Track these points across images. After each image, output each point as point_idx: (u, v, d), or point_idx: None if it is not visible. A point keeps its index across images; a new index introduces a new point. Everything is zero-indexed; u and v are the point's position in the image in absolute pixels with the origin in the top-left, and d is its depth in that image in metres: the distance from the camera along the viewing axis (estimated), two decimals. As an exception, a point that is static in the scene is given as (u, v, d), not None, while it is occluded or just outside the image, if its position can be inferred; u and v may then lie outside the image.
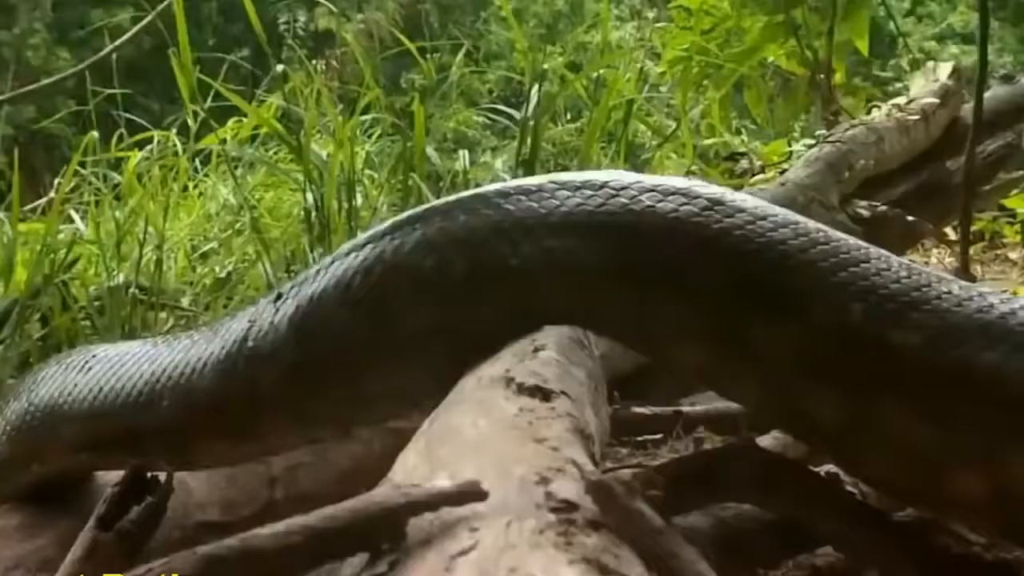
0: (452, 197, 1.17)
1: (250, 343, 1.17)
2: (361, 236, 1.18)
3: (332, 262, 1.16)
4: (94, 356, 1.34)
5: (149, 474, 0.99)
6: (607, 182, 1.07)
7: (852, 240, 1.03)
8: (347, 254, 1.15)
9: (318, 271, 1.17)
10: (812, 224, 1.03)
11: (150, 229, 3.05)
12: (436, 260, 1.08)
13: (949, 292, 0.97)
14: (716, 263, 1.00)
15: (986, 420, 0.93)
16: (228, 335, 1.21)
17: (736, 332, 0.99)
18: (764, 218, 1.01)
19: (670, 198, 1.03)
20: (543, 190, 1.08)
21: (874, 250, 1.02)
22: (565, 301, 1.06)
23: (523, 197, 1.08)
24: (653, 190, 1.05)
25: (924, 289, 0.97)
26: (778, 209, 1.04)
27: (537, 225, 1.06)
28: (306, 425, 1.21)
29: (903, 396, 0.95)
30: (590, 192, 1.06)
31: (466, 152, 3.72)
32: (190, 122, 3.11)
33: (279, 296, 1.19)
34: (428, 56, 3.73)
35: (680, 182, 1.07)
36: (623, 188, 1.05)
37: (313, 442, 1.38)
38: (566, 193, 1.07)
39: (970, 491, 0.96)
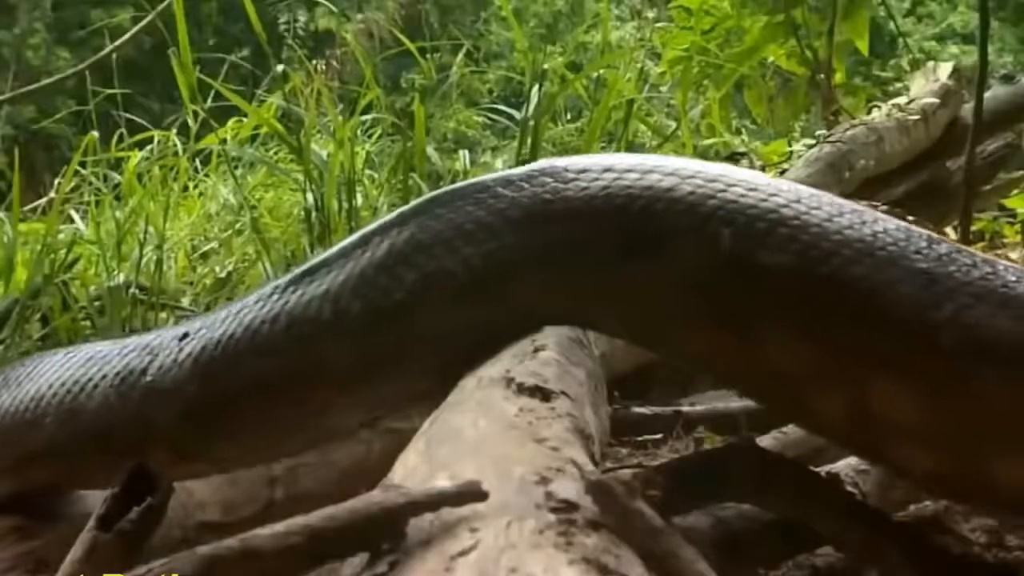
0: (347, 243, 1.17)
1: (148, 376, 1.18)
2: (267, 286, 1.19)
3: (240, 309, 1.17)
4: (33, 367, 1.32)
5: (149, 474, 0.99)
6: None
7: (718, 166, 1.06)
8: (255, 302, 1.16)
9: (225, 316, 1.17)
10: (678, 162, 1.06)
11: (150, 229, 3.05)
12: (332, 308, 1.09)
13: (818, 208, 0.98)
14: (596, 222, 1.03)
15: (854, 338, 0.94)
16: (124, 360, 1.21)
17: (616, 280, 1.02)
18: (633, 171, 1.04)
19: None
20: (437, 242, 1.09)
21: (740, 173, 1.04)
22: (449, 318, 1.08)
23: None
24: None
25: (794, 205, 0.98)
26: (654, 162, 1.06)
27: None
28: (205, 463, 1.21)
29: (776, 317, 0.97)
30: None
31: (466, 152, 3.72)
32: (190, 122, 3.11)
33: (184, 335, 1.19)
34: (428, 56, 3.73)
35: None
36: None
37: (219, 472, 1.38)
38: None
39: (831, 412, 0.98)
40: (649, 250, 1.01)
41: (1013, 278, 0.94)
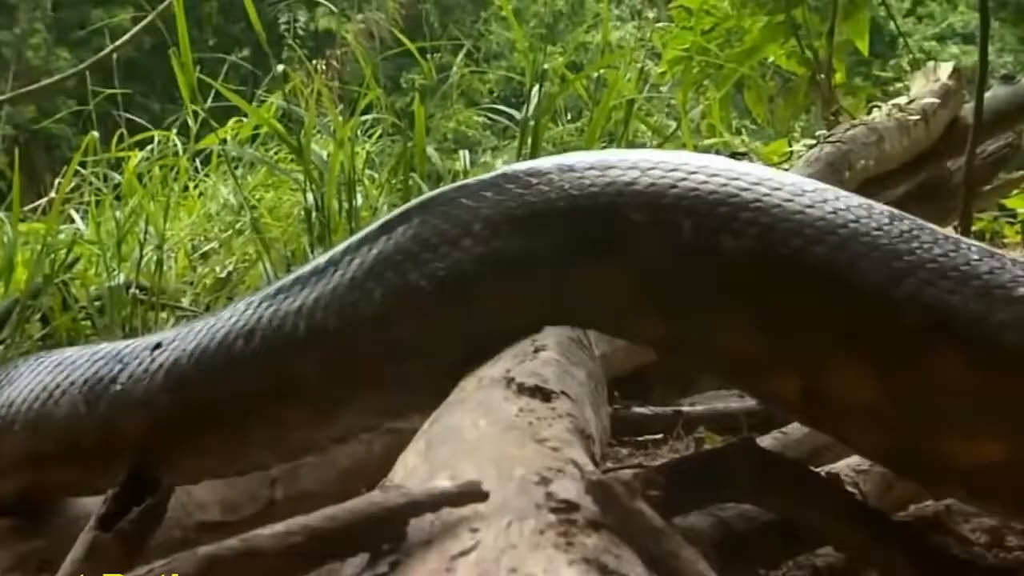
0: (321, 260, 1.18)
1: (117, 385, 1.17)
2: (240, 303, 1.19)
3: (214, 323, 1.17)
4: (14, 371, 1.32)
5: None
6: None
7: (680, 155, 1.06)
8: (228, 318, 1.16)
9: (200, 330, 1.17)
10: (639, 155, 1.06)
11: (150, 229, 3.05)
12: (306, 325, 1.10)
13: (779, 188, 0.98)
14: (560, 226, 1.04)
15: (814, 319, 0.95)
16: (93, 368, 1.20)
17: (583, 279, 1.03)
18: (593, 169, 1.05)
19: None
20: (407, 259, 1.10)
21: (701, 160, 1.04)
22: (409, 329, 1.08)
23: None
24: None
25: (755, 188, 0.98)
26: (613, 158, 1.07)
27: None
28: (174, 474, 1.21)
29: (734, 302, 0.97)
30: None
31: (466, 152, 3.72)
32: (190, 122, 3.11)
33: (157, 345, 1.19)
34: (428, 56, 3.72)
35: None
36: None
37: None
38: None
39: (787, 392, 0.98)
40: (613, 247, 1.01)
41: (976, 256, 0.94)
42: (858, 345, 0.93)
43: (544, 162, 1.10)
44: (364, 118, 3.36)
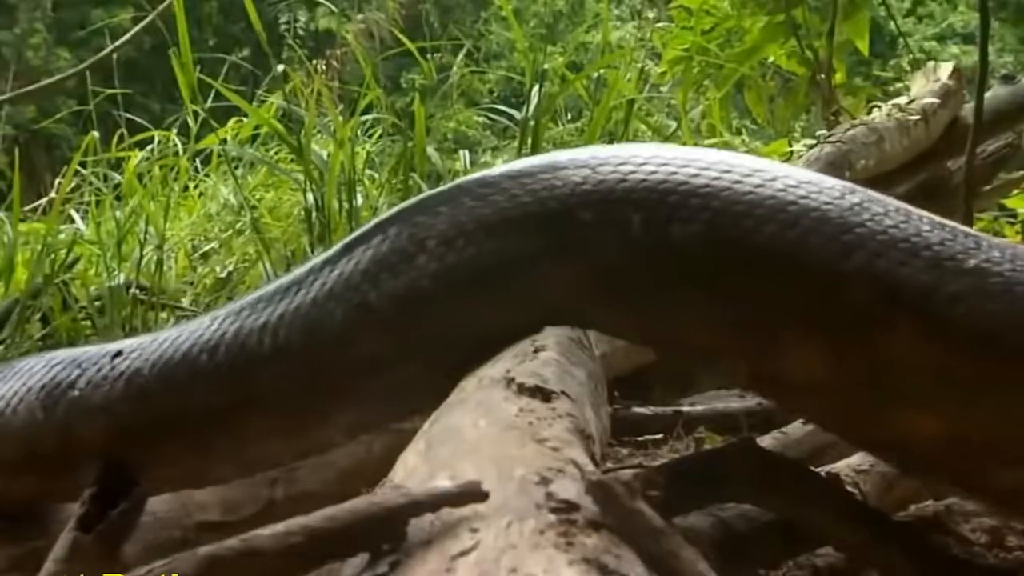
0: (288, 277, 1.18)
1: (75, 391, 1.17)
2: (206, 317, 1.19)
3: (179, 335, 1.17)
4: None
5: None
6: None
7: (631, 147, 1.07)
8: (193, 329, 1.16)
9: (163, 340, 1.17)
10: (588, 152, 1.06)
11: (150, 229, 3.05)
12: (271, 342, 1.10)
13: (729, 171, 0.98)
14: (514, 235, 1.04)
15: (764, 299, 0.95)
16: (51, 374, 1.20)
17: (541, 283, 1.03)
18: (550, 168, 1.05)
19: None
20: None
21: (650, 150, 1.04)
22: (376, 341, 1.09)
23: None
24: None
25: (704, 173, 0.98)
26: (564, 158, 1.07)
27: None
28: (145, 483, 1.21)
29: (684, 289, 0.98)
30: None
31: (467, 152, 3.72)
32: (190, 122, 3.11)
33: (119, 353, 1.19)
34: (428, 56, 3.72)
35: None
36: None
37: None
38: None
39: (738, 373, 0.99)
40: (566, 249, 1.01)
41: (927, 227, 0.94)
42: (810, 323, 0.93)
43: (496, 171, 1.11)
44: (364, 118, 3.36)
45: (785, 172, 0.99)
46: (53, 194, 3.60)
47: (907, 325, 0.90)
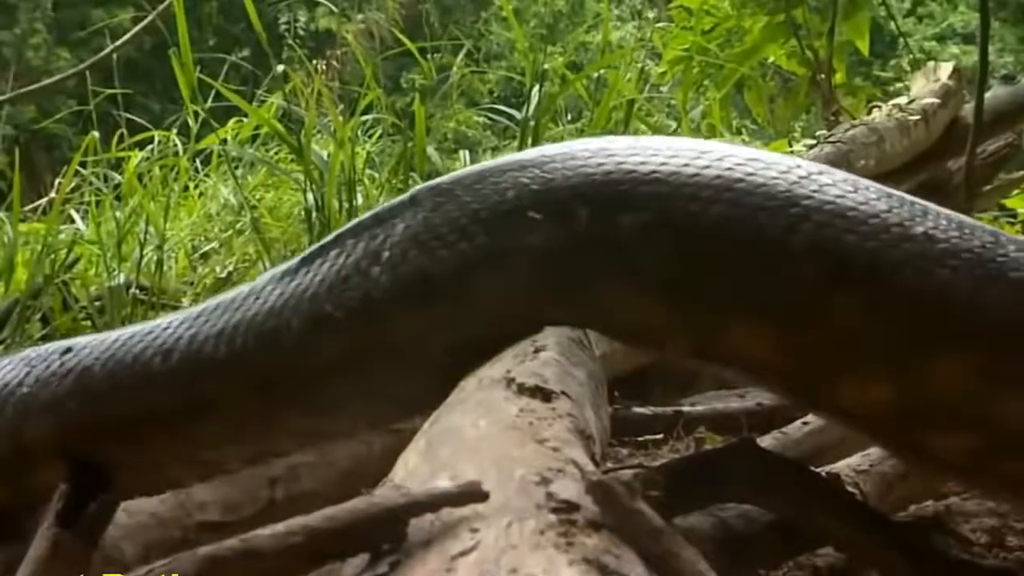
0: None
1: (24, 388, 1.16)
2: (161, 320, 1.19)
3: (131, 335, 1.16)
4: None
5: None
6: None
7: (579, 143, 1.06)
8: (148, 332, 1.16)
9: (115, 339, 1.17)
10: (535, 153, 1.06)
11: (150, 229, 3.05)
12: (227, 349, 1.10)
13: (676, 156, 0.98)
14: (462, 241, 1.03)
15: (712, 281, 0.95)
16: (0, 373, 1.19)
17: (488, 290, 1.03)
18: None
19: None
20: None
21: (597, 143, 1.04)
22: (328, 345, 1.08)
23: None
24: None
25: (651, 159, 0.98)
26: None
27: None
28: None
29: (629, 278, 0.98)
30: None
31: (467, 152, 3.73)
32: (190, 122, 3.11)
33: (68, 350, 1.18)
34: (429, 56, 3.73)
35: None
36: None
37: None
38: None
39: (683, 354, 1.01)
40: (516, 252, 1.01)
41: (874, 195, 0.94)
42: (760, 302, 0.93)
43: (448, 178, 1.11)
44: (364, 118, 3.36)
45: (731, 151, 0.99)
46: (53, 194, 3.60)
47: (853, 294, 0.90)
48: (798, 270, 0.91)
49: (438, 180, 1.13)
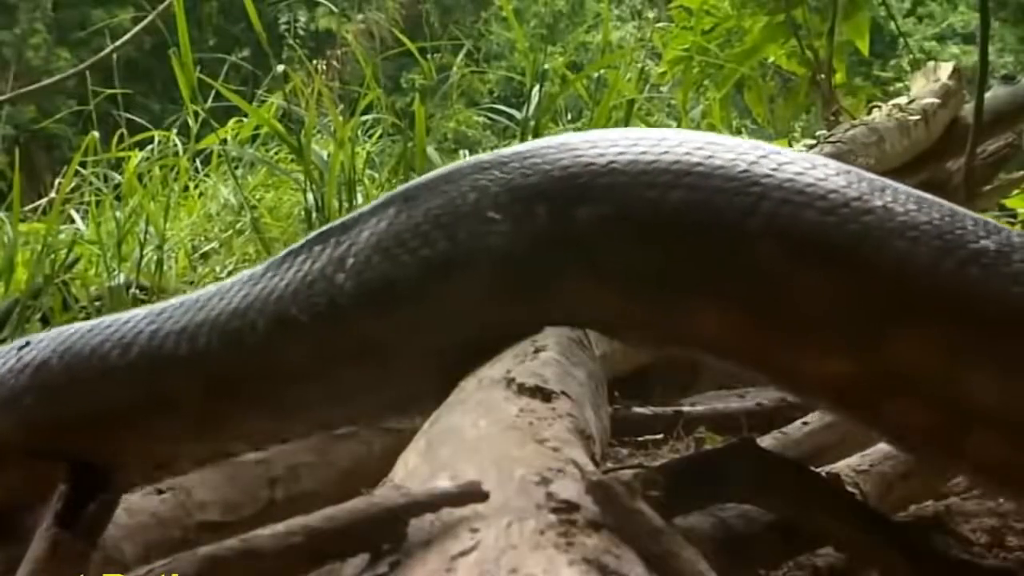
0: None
1: None
2: (122, 315, 1.18)
3: (89, 329, 1.16)
4: None
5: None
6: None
7: (539, 141, 1.07)
8: (107, 326, 1.15)
9: (73, 333, 1.17)
10: (495, 155, 1.07)
11: (151, 229, 3.05)
12: (189, 347, 1.10)
13: (635, 145, 0.98)
14: (424, 247, 1.04)
15: (672, 269, 0.95)
16: None
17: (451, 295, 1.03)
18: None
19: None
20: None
21: (556, 139, 1.05)
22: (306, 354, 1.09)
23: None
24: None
25: (609, 151, 0.98)
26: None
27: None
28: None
29: (590, 271, 0.98)
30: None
31: (467, 152, 3.72)
32: (190, 122, 3.11)
33: (25, 344, 1.18)
34: (429, 56, 3.73)
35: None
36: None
37: None
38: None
39: (644, 344, 1.03)
40: (478, 255, 1.01)
41: (833, 171, 0.94)
42: (723, 284, 0.94)
43: (415, 183, 1.11)
44: (364, 118, 3.36)
45: (688, 136, 1.00)
46: (53, 194, 3.59)
47: (814, 271, 0.90)
48: (757, 249, 0.91)
49: (407, 185, 1.13)
